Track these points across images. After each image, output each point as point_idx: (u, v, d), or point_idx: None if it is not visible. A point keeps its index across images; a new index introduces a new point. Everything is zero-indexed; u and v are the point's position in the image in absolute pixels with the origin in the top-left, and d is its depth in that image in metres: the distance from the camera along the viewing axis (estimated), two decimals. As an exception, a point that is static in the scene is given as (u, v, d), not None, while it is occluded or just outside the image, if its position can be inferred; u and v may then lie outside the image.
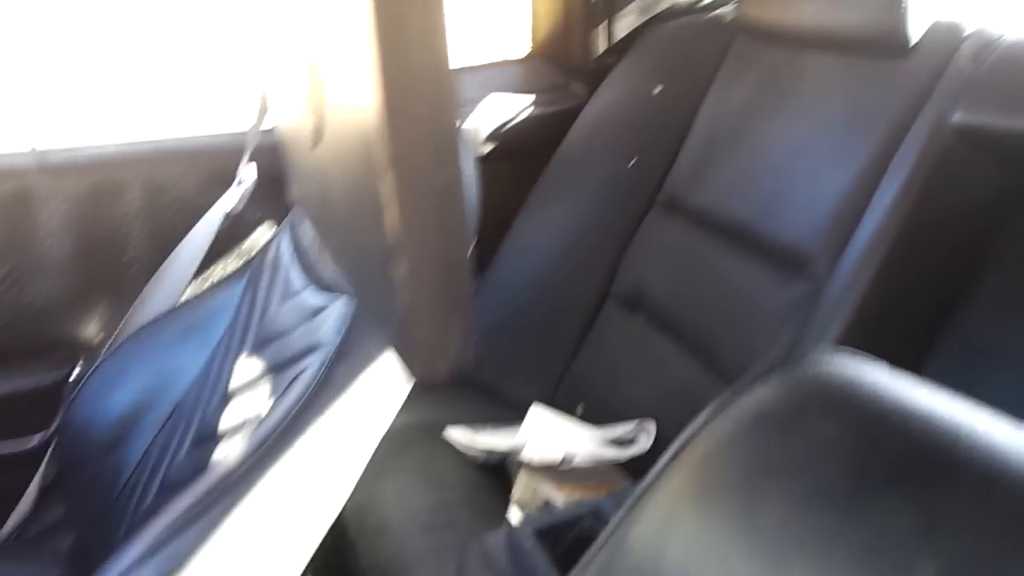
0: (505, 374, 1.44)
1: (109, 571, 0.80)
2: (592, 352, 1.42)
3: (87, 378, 1.14)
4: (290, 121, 0.75)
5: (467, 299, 0.41)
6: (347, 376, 0.80)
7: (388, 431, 0.84)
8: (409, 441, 1.28)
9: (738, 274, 1.19)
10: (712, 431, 0.39)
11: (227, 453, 0.83)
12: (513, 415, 1.26)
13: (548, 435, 1.16)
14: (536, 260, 1.48)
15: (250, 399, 0.96)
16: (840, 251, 1.05)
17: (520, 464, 1.16)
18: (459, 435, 1.28)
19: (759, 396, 0.38)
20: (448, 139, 0.38)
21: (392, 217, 0.38)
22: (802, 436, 0.34)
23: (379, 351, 0.81)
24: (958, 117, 0.97)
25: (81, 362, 1.30)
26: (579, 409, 1.30)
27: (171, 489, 0.86)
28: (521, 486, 1.13)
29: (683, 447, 0.41)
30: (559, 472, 1.13)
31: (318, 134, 0.55)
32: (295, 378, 0.85)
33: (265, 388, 0.94)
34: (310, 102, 0.58)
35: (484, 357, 1.45)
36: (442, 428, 1.30)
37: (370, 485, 1.18)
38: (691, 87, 1.40)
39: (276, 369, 0.93)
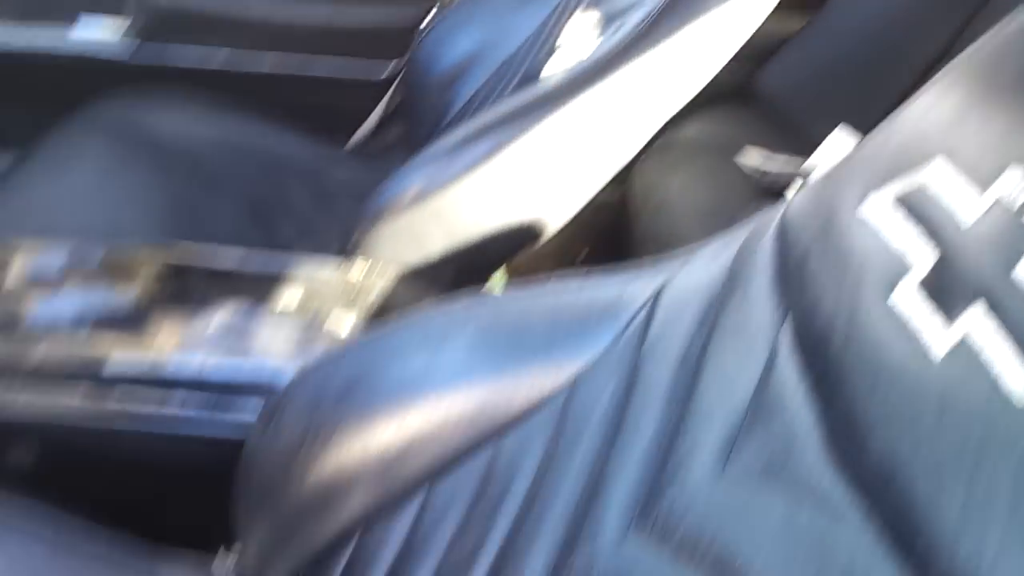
0: (816, 114, 1.42)
1: (443, 143, 0.94)
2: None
3: (435, 24, 1.28)
4: None
5: None
6: (669, 28, 0.84)
7: (685, 135, 0.87)
8: (702, 149, 1.33)
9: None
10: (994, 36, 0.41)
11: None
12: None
13: (844, 160, 1.15)
14: (876, 6, 1.41)
15: (576, 48, 1.04)
16: None
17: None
18: (752, 155, 1.31)
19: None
20: None
21: None
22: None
23: (700, 14, 0.84)
24: None
25: (433, 10, 1.41)
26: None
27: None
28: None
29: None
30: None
31: None
32: (620, 26, 0.92)
33: (591, 38, 1.01)
34: None
35: (799, 94, 1.45)
36: (737, 147, 1.34)
37: (658, 172, 1.26)
38: None
39: (604, 21, 1.00)
